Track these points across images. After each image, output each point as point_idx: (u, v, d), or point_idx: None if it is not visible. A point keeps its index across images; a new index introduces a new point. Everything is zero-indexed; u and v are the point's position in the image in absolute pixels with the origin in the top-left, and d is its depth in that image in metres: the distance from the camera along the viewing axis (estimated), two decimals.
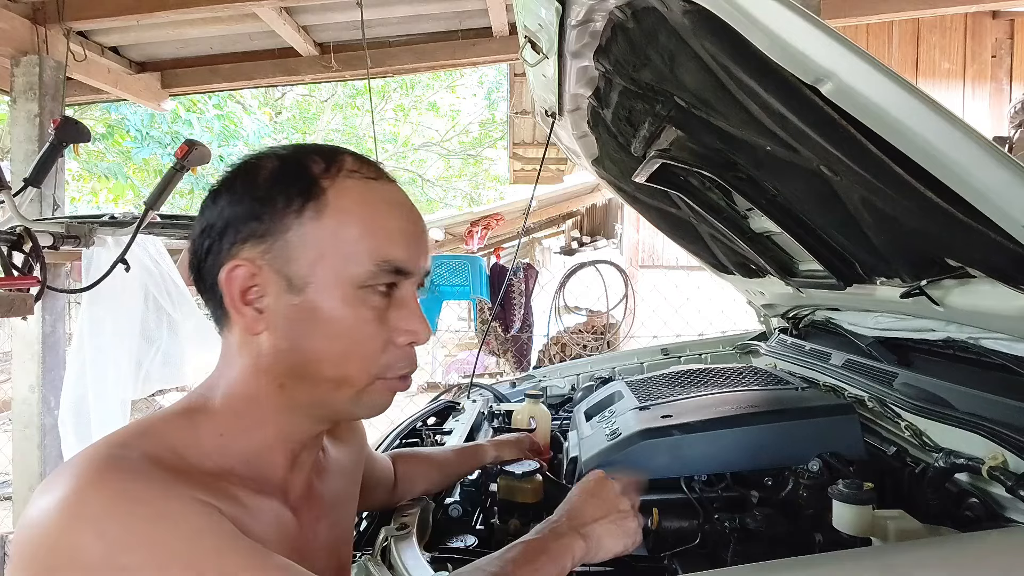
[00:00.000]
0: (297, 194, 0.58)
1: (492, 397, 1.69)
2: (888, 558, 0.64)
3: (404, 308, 0.62)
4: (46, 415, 2.41)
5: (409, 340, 0.62)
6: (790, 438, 0.98)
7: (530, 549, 0.65)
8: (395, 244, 0.60)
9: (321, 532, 0.67)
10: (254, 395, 0.61)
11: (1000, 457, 0.80)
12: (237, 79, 3.35)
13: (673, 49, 0.80)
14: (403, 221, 0.62)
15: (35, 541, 0.47)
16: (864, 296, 1.16)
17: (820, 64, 0.60)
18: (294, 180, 0.59)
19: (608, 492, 0.76)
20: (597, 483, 0.77)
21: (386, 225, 0.61)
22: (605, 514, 0.73)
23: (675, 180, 1.23)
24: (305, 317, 0.58)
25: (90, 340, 1.98)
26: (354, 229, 0.59)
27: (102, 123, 8.92)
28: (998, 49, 4.69)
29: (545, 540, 0.67)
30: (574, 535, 0.69)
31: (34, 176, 1.91)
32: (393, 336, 0.61)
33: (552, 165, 5.81)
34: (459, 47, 3.11)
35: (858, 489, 0.77)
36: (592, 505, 0.74)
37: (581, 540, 0.69)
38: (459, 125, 14.39)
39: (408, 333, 0.62)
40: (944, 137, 0.59)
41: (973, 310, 0.90)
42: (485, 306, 5.17)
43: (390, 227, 0.61)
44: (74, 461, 0.51)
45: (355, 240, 0.59)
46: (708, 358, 1.94)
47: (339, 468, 0.75)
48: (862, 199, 0.83)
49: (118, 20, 2.69)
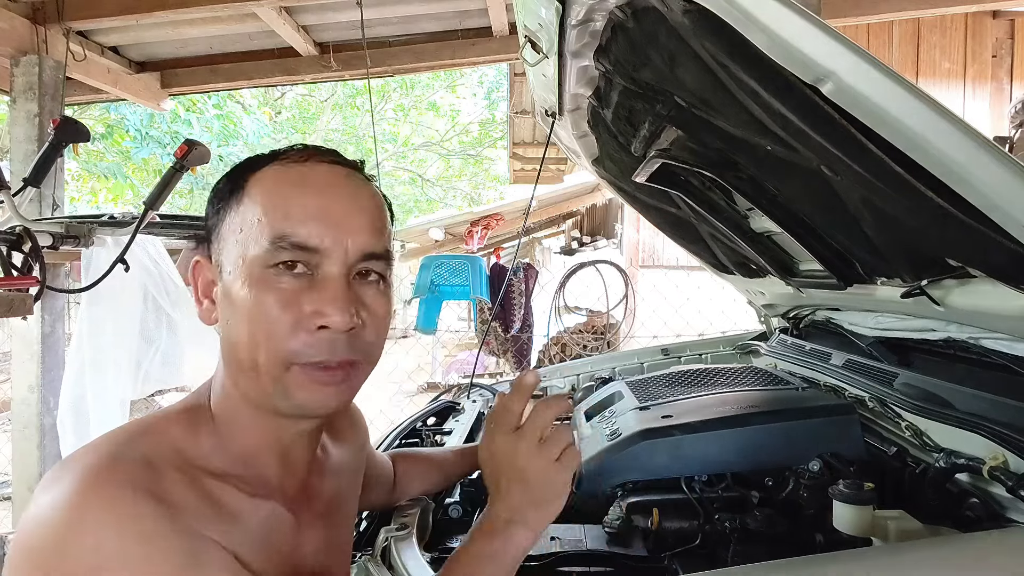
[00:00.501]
0: (228, 191, 0.61)
1: (492, 397, 1.69)
2: (889, 558, 0.64)
3: (319, 290, 0.57)
4: (45, 415, 2.41)
5: (318, 323, 0.57)
6: (791, 438, 0.98)
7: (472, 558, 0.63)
8: (293, 220, 0.57)
9: (319, 531, 0.67)
10: (229, 392, 0.61)
11: (1000, 457, 0.79)
12: (237, 79, 3.35)
13: (673, 49, 0.79)
14: (310, 197, 0.59)
15: (34, 541, 0.47)
16: (865, 296, 1.16)
17: (820, 64, 0.60)
18: (230, 176, 0.63)
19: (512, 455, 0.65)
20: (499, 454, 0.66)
21: (286, 203, 0.58)
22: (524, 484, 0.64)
23: (675, 180, 1.23)
24: (225, 303, 0.60)
25: (89, 340, 1.97)
26: (256, 210, 0.58)
27: (101, 123, 8.92)
28: (998, 49, 4.69)
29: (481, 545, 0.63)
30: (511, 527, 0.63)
31: (33, 176, 1.91)
32: (303, 320, 0.57)
33: (552, 165, 5.82)
34: (459, 47, 3.10)
35: (859, 489, 0.77)
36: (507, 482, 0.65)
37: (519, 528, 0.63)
38: (459, 125, 14.39)
39: (315, 315, 0.57)
40: (944, 137, 0.59)
41: (974, 310, 0.90)
42: (485, 306, 5.17)
43: (290, 204, 0.58)
44: (77, 460, 0.51)
45: (255, 221, 0.58)
46: (708, 358, 1.94)
47: (339, 467, 0.75)
48: (862, 199, 0.83)
49: (118, 20, 2.69)
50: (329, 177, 0.61)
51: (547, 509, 0.65)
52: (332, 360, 0.58)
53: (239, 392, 0.61)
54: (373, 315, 0.61)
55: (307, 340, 0.57)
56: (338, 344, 0.58)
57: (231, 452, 0.60)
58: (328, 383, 0.59)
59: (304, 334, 0.57)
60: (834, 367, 1.34)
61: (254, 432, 0.61)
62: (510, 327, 5.16)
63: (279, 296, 0.57)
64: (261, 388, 0.58)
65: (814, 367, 1.41)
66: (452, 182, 14.99)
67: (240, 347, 0.58)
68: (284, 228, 0.57)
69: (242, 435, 0.61)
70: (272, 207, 0.58)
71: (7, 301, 1.57)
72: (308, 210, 0.58)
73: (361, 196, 0.62)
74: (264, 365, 0.57)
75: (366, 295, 0.61)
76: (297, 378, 0.58)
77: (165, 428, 0.57)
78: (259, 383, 0.58)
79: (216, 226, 0.62)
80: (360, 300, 0.60)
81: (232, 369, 0.60)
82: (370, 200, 0.63)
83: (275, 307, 0.57)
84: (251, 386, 0.59)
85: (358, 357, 0.60)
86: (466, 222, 5.32)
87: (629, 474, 0.97)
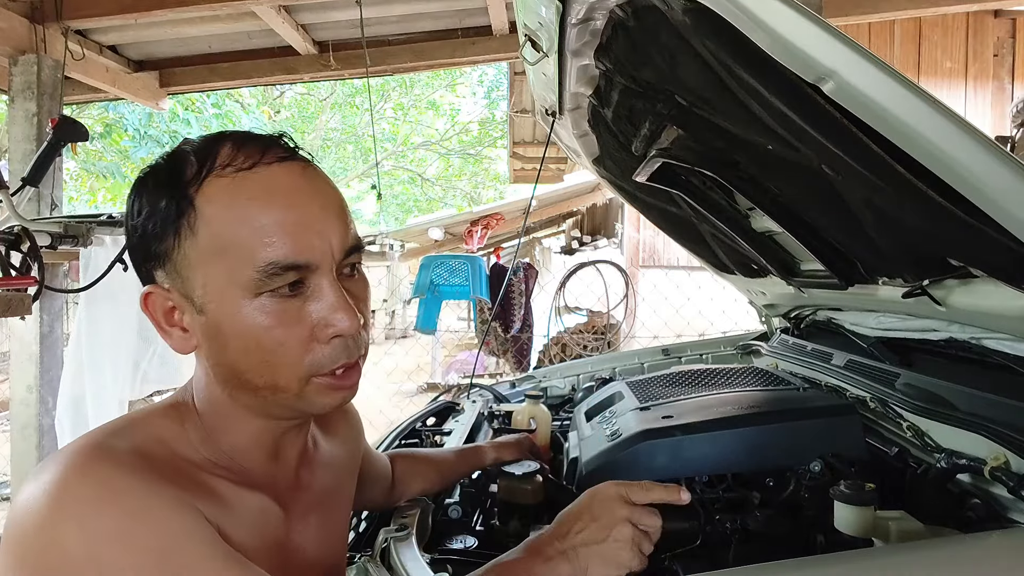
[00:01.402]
0: (171, 215, 0.55)
1: (492, 398, 1.68)
2: (890, 559, 0.63)
3: (320, 300, 0.56)
4: (44, 415, 2.41)
5: (332, 334, 0.57)
6: (792, 439, 0.97)
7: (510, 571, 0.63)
8: (273, 243, 0.54)
9: (311, 524, 0.67)
10: (218, 399, 0.61)
11: (1002, 458, 0.79)
12: (236, 78, 3.35)
13: (674, 48, 0.79)
14: (281, 211, 0.55)
15: (22, 526, 0.48)
16: (866, 296, 1.15)
17: (822, 63, 0.59)
18: (168, 194, 0.55)
19: (610, 514, 0.66)
20: (602, 502, 0.68)
21: (259, 224, 0.54)
22: (599, 539, 0.65)
23: (676, 179, 1.22)
24: (215, 335, 0.56)
25: (88, 340, 1.97)
26: (225, 237, 0.54)
27: (100, 122, 8.92)
28: (1000, 48, 4.69)
29: (528, 563, 0.64)
30: (560, 559, 0.64)
31: (32, 175, 1.91)
32: (315, 333, 0.57)
33: (552, 164, 5.82)
34: (459, 45, 3.10)
35: (860, 490, 0.76)
36: (588, 526, 0.66)
37: (566, 564, 0.64)
38: (459, 124, 14.39)
39: (325, 326, 0.56)
40: (946, 136, 0.59)
41: (975, 310, 0.89)
42: (485, 306, 5.17)
43: (264, 224, 0.54)
44: (65, 449, 0.52)
45: (229, 250, 0.54)
46: (709, 358, 1.94)
47: (330, 460, 0.75)
48: (864, 198, 0.82)
49: (116, 19, 2.69)
50: (289, 181, 0.57)
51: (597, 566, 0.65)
52: (350, 361, 0.60)
53: (234, 402, 0.60)
54: (363, 303, 0.62)
55: (324, 351, 0.58)
56: (351, 345, 0.59)
57: (218, 445, 0.60)
58: (342, 388, 0.60)
59: (319, 346, 0.57)
60: (835, 367, 1.34)
61: (243, 431, 0.61)
62: (510, 327, 5.15)
63: (283, 318, 0.56)
64: (280, 401, 0.59)
65: (815, 367, 1.41)
66: (452, 181, 14.99)
67: (251, 373, 0.57)
68: (269, 255, 0.54)
69: (230, 433, 0.61)
70: (245, 233, 0.54)
71: (6, 301, 1.57)
72: (286, 228, 0.54)
73: (325, 192, 0.59)
74: (285, 385, 0.58)
75: (353, 287, 0.61)
76: (319, 388, 0.59)
77: (151, 421, 0.58)
78: (278, 399, 0.59)
79: (168, 252, 0.56)
80: (352, 295, 0.60)
81: (232, 388, 0.59)
82: (332, 193, 0.60)
83: (283, 330, 0.56)
84: (267, 401, 0.59)
85: (364, 350, 0.62)
86: (466, 222, 5.32)
87: (629, 474, 0.96)
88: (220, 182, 0.55)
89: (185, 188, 0.55)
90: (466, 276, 4.78)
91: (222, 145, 0.57)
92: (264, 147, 0.57)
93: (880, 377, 1.17)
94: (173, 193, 0.55)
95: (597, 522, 0.66)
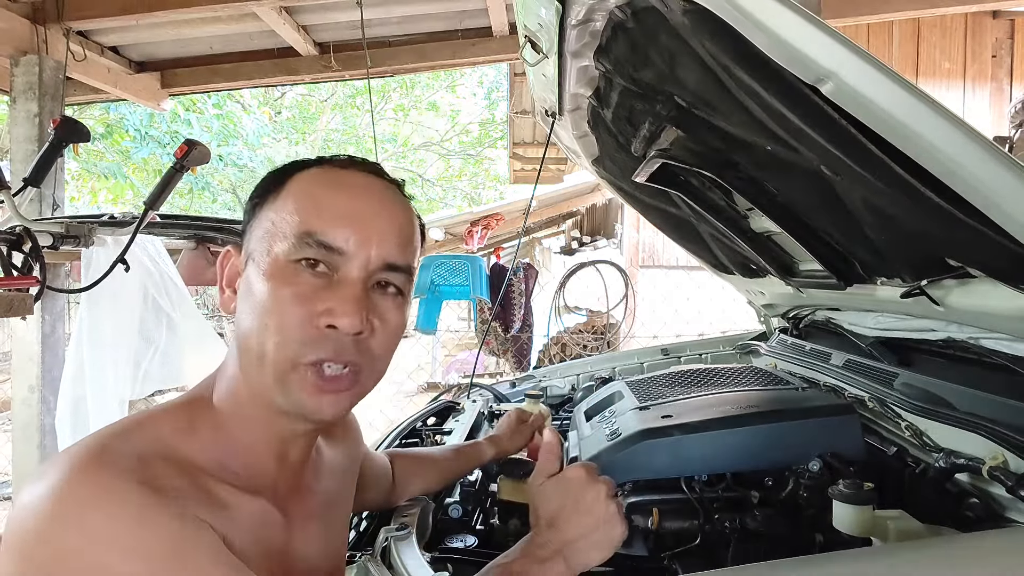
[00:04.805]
0: (268, 188, 0.63)
1: (492, 397, 1.69)
2: (888, 558, 0.64)
3: (335, 290, 0.58)
4: (46, 415, 2.41)
5: (327, 321, 0.58)
6: (790, 438, 0.98)
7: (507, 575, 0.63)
8: (322, 219, 0.59)
9: (312, 531, 0.67)
10: (237, 387, 0.61)
11: (1000, 457, 0.80)
12: (237, 79, 3.35)
13: (673, 49, 0.79)
14: (342, 199, 0.61)
15: (23, 528, 0.48)
16: (864, 296, 1.16)
17: (820, 64, 0.60)
18: (274, 175, 0.65)
19: (593, 500, 0.68)
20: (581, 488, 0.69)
21: (319, 202, 0.60)
22: (591, 528, 0.66)
23: (675, 180, 1.23)
24: (244, 291, 0.61)
25: (89, 340, 1.97)
26: (290, 207, 0.60)
27: (101, 123, 8.92)
28: (998, 49, 4.69)
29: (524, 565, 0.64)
30: (557, 558, 0.64)
31: (34, 176, 1.90)
32: (317, 319, 0.58)
33: (552, 165, 5.82)
34: (459, 47, 3.11)
35: (858, 489, 0.77)
36: (578, 520, 0.67)
37: (562, 563, 0.64)
38: (459, 125, 14.39)
39: (326, 313, 0.57)
40: (944, 137, 0.59)
41: (974, 310, 0.90)
42: (485, 306, 5.16)
43: (322, 203, 0.60)
44: (69, 450, 0.52)
45: (286, 217, 0.60)
46: (708, 358, 1.94)
47: (332, 467, 0.75)
48: (862, 199, 0.83)
49: (118, 20, 2.69)
50: (365, 184, 0.63)
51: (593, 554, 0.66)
52: (336, 360, 0.58)
53: (246, 384, 0.61)
54: (384, 325, 0.62)
55: (314, 336, 0.58)
56: (343, 346, 0.59)
57: (227, 446, 0.60)
58: (327, 391, 0.59)
59: (312, 330, 0.58)
60: (834, 367, 1.34)
61: (255, 427, 0.61)
62: (510, 327, 5.15)
63: (296, 291, 0.58)
64: (263, 380, 0.59)
65: (814, 367, 1.41)
66: (452, 182, 14.98)
67: (251, 336, 0.59)
68: (312, 225, 0.59)
69: (242, 429, 0.61)
70: (304, 204, 0.60)
71: (7, 301, 1.57)
72: (338, 211, 0.60)
73: (393, 207, 0.64)
74: (271, 355, 0.58)
75: (381, 305, 0.61)
76: (300, 379, 0.58)
77: (156, 425, 0.57)
78: (262, 374, 0.58)
79: (251, 219, 0.63)
80: (374, 308, 0.60)
81: (242, 359, 0.60)
82: (402, 213, 0.64)
83: (289, 300, 0.58)
84: (256, 379, 0.60)
85: (362, 363, 0.60)
86: (466, 222, 5.31)
87: (629, 474, 0.97)
88: (313, 170, 0.64)
89: (289, 171, 0.64)
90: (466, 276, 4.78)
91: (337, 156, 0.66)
92: (368, 165, 0.66)
93: (879, 377, 1.18)
94: (277, 174, 0.64)
95: (584, 512, 0.67)
